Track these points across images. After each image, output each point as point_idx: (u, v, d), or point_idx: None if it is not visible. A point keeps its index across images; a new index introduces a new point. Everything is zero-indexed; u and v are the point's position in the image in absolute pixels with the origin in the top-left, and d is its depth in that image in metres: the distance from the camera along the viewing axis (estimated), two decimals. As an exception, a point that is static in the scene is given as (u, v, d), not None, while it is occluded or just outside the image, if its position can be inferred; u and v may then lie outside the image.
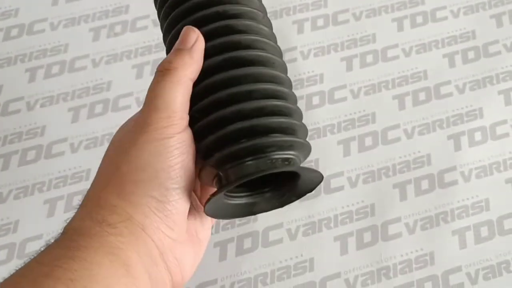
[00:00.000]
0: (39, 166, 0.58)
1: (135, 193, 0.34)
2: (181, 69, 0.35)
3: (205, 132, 0.36)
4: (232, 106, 0.35)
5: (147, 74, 0.63)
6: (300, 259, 0.54)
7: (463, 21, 0.66)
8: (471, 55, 0.64)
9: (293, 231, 0.55)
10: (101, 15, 0.66)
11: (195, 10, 0.38)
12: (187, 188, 0.35)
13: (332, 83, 0.62)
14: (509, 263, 0.54)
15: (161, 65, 0.36)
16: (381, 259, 0.54)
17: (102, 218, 0.33)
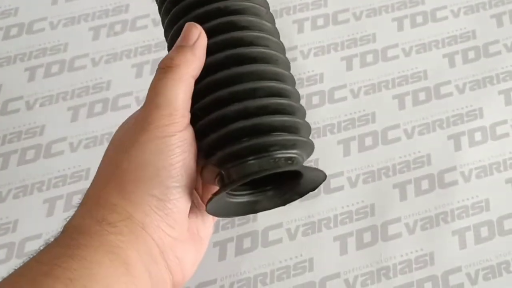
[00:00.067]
0: (39, 165, 0.58)
1: (135, 191, 0.33)
2: (183, 66, 0.35)
3: (207, 130, 0.35)
4: (234, 104, 0.35)
5: (146, 73, 0.63)
6: (299, 259, 0.54)
7: (463, 21, 0.66)
8: (471, 55, 0.64)
9: (292, 231, 0.55)
10: (101, 14, 0.66)
11: (197, 6, 0.37)
12: (188, 186, 0.35)
13: (332, 83, 0.62)
14: (509, 263, 0.54)
15: (162, 62, 0.36)
16: (381, 259, 0.54)
17: (102, 217, 0.33)
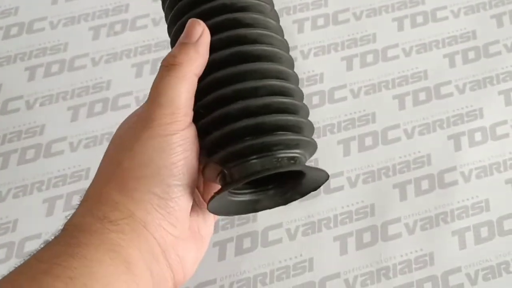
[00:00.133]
0: (38, 165, 0.58)
1: (137, 189, 0.33)
2: (186, 64, 0.34)
3: (209, 128, 0.35)
4: (238, 102, 0.35)
5: (146, 73, 0.62)
6: (299, 259, 0.54)
7: (463, 21, 0.65)
8: (471, 55, 0.64)
9: (292, 231, 0.55)
10: (101, 14, 0.66)
11: (201, 2, 0.37)
12: (189, 185, 0.35)
13: (332, 83, 0.62)
14: (509, 263, 0.54)
15: (165, 59, 0.35)
16: (380, 259, 0.54)
17: (103, 214, 0.33)
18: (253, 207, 0.39)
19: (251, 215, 0.55)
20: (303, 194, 0.39)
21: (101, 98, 0.61)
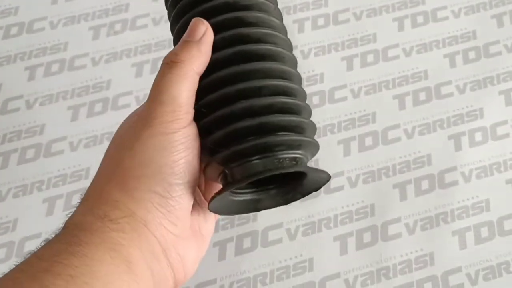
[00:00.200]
0: (38, 164, 0.58)
1: (137, 188, 0.33)
2: (188, 62, 0.34)
3: (211, 127, 0.35)
4: (240, 102, 0.35)
5: (146, 72, 0.62)
6: (299, 259, 0.54)
7: (464, 21, 0.65)
8: (471, 55, 0.64)
9: (292, 231, 0.55)
10: (101, 14, 0.66)
11: (204, 0, 0.37)
12: (191, 183, 0.35)
13: (332, 83, 0.62)
14: (509, 264, 0.54)
15: (167, 57, 0.35)
16: (380, 259, 0.54)
17: (104, 213, 0.33)
18: (254, 207, 0.39)
19: (251, 214, 0.55)
20: (304, 194, 0.39)
21: (101, 97, 0.61)
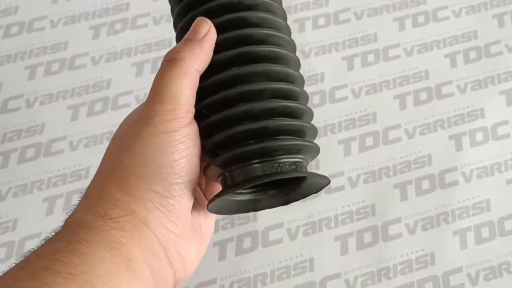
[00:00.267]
0: (38, 164, 0.58)
1: (138, 187, 0.33)
2: (188, 59, 0.34)
3: (212, 129, 0.35)
4: (241, 105, 0.34)
5: (147, 72, 0.62)
6: (300, 259, 0.54)
7: (464, 21, 0.65)
8: (472, 55, 0.64)
9: (293, 231, 0.55)
10: (101, 13, 0.66)
11: None
12: (191, 183, 0.35)
13: (333, 83, 0.62)
14: (509, 264, 0.54)
15: (168, 54, 0.35)
16: (381, 260, 0.54)
17: (104, 211, 0.32)
18: (254, 207, 0.39)
19: (251, 214, 0.55)
20: (303, 195, 0.38)
21: (101, 97, 0.61)
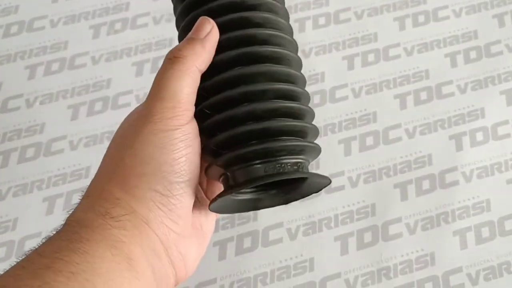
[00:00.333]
0: (38, 163, 0.58)
1: (138, 186, 0.33)
2: (190, 58, 0.34)
3: (214, 129, 0.35)
4: (244, 105, 0.34)
5: (147, 71, 0.62)
6: (300, 259, 0.54)
7: (465, 20, 0.65)
8: (473, 55, 0.63)
9: (293, 230, 0.55)
10: (101, 12, 0.66)
11: None
12: (191, 182, 0.35)
13: (333, 82, 0.62)
14: (510, 264, 0.53)
15: (170, 52, 0.35)
16: (381, 259, 0.54)
17: (105, 210, 0.32)
18: (254, 205, 0.39)
19: (251, 214, 0.55)
20: (304, 195, 0.38)
21: (101, 96, 0.61)
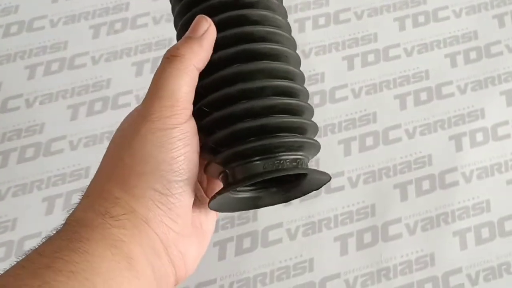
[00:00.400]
0: (38, 163, 0.58)
1: (138, 186, 0.33)
2: (188, 56, 0.34)
3: (213, 127, 0.35)
4: (242, 102, 0.34)
5: (147, 71, 0.62)
6: (299, 259, 0.54)
7: (465, 21, 0.65)
8: (473, 55, 0.63)
9: (293, 231, 0.55)
10: (101, 12, 0.66)
11: None
12: (190, 180, 0.35)
13: (333, 82, 0.62)
14: (509, 264, 0.53)
15: (168, 51, 0.35)
16: (381, 260, 0.53)
17: (104, 210, 0.33)
18: (254, 204, 0.39)
19: (251, 214, 0.55)
20: (304, 193, 0.38)
21: (101, 96, 0.61)
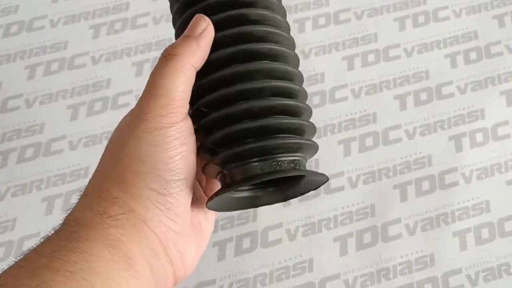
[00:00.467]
0: (38, 163, 0.58)
1: (135, 185, 0.33)
2: (185, 55, 0.34)
3: (211, 127, 0.35)
4: (240, 103, 0.34)
5: (146, 71, 0.62)
6: (299, 260, 0.54)
7: (465, 21, 0.65)
8: (473, 55, 0.63)
9: (292, 231, 0.55)
10: (101, 12, 0.66)
11: None
12: (188, 180, 0.35)
13: (333, 83, 0.62)
14: (509, 265, 0.53)
15: (165, 50, 0.35)
16: (381, 260, 0.53)
17: (103, 210, 0.33)
18: (253, 203, 0.39)
19: (251, 215, 0.55)
20: (302, 192, 0.38)
21: (101, 96, 0.61)
